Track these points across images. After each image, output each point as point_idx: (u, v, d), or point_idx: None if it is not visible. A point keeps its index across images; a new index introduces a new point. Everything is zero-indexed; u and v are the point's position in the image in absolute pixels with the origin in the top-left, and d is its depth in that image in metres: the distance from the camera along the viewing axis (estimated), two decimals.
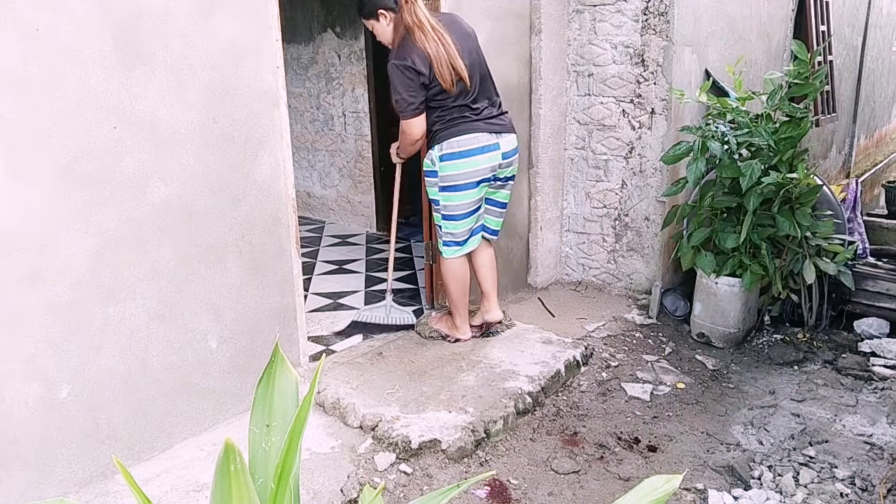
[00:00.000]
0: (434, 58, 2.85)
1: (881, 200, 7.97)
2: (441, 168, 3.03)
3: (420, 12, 2.88)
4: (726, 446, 2.77)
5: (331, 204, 6.02)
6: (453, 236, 3.17)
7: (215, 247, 2.58)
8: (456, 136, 2.99)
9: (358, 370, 3.07)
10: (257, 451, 1.24)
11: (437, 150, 3.02)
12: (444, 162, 3.02)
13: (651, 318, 3.88)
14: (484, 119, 3.02)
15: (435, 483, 2.43)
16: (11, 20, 1.98)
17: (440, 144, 3.01)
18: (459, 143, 2.99)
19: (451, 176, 3.03)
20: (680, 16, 3.78)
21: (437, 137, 3.02)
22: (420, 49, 2.84)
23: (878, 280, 3.86)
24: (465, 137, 2.99)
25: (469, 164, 3.01)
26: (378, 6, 2.92)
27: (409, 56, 2.85)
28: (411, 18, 2.87)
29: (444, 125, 3.00)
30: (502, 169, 3.14)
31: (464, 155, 3.00)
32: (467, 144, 3.00)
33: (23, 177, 2.06)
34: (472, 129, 3.00)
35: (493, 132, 3.04)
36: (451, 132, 2.99)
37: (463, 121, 3.00)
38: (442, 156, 3.02)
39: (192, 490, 2.32)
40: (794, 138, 3.47)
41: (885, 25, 8.19)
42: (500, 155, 3.07)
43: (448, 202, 3.09)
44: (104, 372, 2.32)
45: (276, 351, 1.29)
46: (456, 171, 3.02)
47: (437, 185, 3.08)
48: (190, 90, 2.42)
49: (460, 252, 3.20)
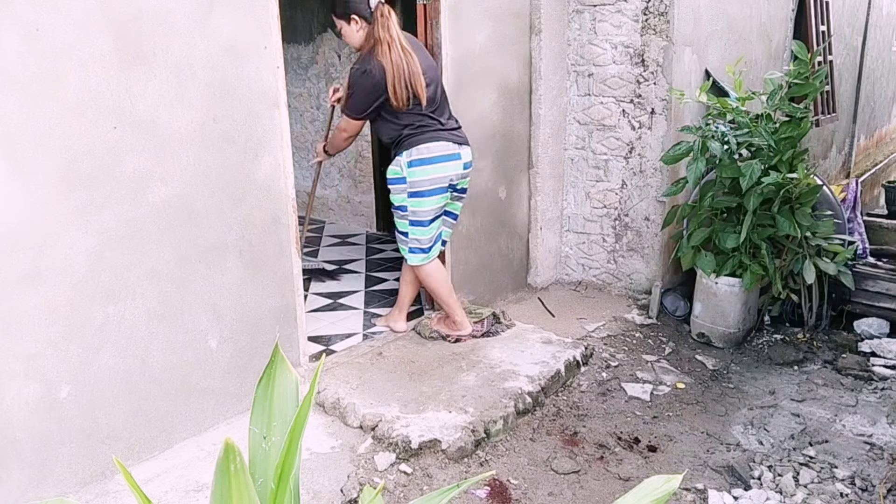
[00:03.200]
0: (392, 74, 2.98)
1: (881, 200, 7.97)
2: (410, 174, 3.13)
3: (393, 29, 3.02)
4: (726, 446, 2.77)
5: (331, 204, 6.02)
6: (420, 242, 3.25)
7: (215, 247, 2.58)
8: (426, 143, 3.11)
9: (358, 370, 3.07)
10: (257, 451, 1.24)
11: (405, 157, 3.12)
12: (412, 168, 3.12)
13: (651, 318, 3.88)
14: (448, 130, 3.18)
15: (435, 483, 2.43)
16: (11, 20, 1.98)
17: (409, 150, 3.11)
18: (429, 149, 3.11)
19: (419, 181, 3.13)
20: (680, 16, 3.78)
21: (405, 144, 3.12)
22: (381, 63, 2.98)
23: (878, 280, 3.86)
24: (434, 144, 3.12)
25: (437, 169, 3.14)
26: (353, 10, 3.03)
27: (371, 67, 2.99)
28: (383, 33, 3.00)
29: (413, 131, 3.11)
30: (461, 179, 3.28)
31: (433, 161, 3.13)
32: (436, 151, 3.13)
33: (23, 177, 2.06)
34: (440, 137, 3.14)
35: (455, 142, 3.19)
36: (421, 139, 3.11)
37: (431, 129, 3.13)
38: (411, 161, 3.12)
39: (192, 490, 2.32)
40: (794, 138, 3.47)
41: (885, 25, 8.18)
42: (462, 164, 3.22)
43: (416, 207, 3.18)
44: (104, 372, 2.32)
45: (276, 351, 1.29)
46: (424, 177, 3.13)
47: (405, 192, 3.17)
48: (190, 90, 2.42)
49: (427, 259, 3.30)
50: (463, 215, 3.71)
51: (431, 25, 3.40)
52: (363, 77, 3.01)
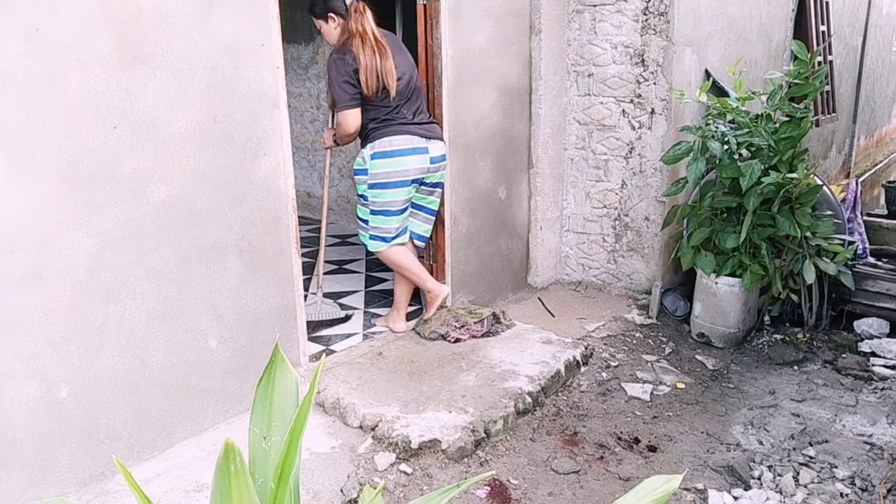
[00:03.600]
0: (364, 65, 3.07)
1: (881, 200, 7.97)
2: (371, 166, 3.21)
3: (366, 23, 3.12)
4: (726, 446, 2.77)
5: (331, 204, 6.02)
6: (381, 231, 3.31)
7: (215, 247, 2.58)
8: (389, 136, 3.18)
9: (358, 370, 3.07)
10: (257, 451, 1.24)
11: (368, 149, 3.21)
12: (374, 160, 3.20)
13: (651, 318, 3.88)
14: (416, 123, 3.24)
15: (435, 483, 2.43)
16: (11, 20, 1.98)
17: (372, 143, 3.20)
18: (392, 142, 3.18)
19: (380, 174, 3.21)
20: (680, 16, 3.78)
21: (370, 136, 3.21)
22: (354, 54, 3.07)
23: (878, 280, 3.86)
24: (398, 138, 3.19)
25: (399, 163, 3.20)
26: (329, 9, 3.15)
27: (345, 55, 3.08)
28: (356, 27, 3.10)
29: (378, 125, 3.19)
30: (430, 174, 3.32)
31: (395, 154, 3.19)
32: (399, 144, 3.19)
33: (23, 177, 2.06)
34: (405, 130, 3.20)
35: (423, 136, 3.24)
36: (385, 132, 3.19)
37: (396, 122, 3.20)
38: (373, 154, 3.20)
39: (192, 490, 2.32)
40: (794, 138, 3.47)
41: (885, 25, 8.18)
42: (428, 159, 3.26)
43: (377, 199, 3.26)
44: (104, 372, 2.32)
45: (276, 351, 1.29)
46: (385, 170, 3.20)
47: (366, 183, 3.26)
48: (190, 90, 2.42)
49: (386, 246, 3.34)
50: (463, 215, 3.71)
51: (431, 25, 3.40)
52: (337, 65, 3.08)
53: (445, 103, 3.47)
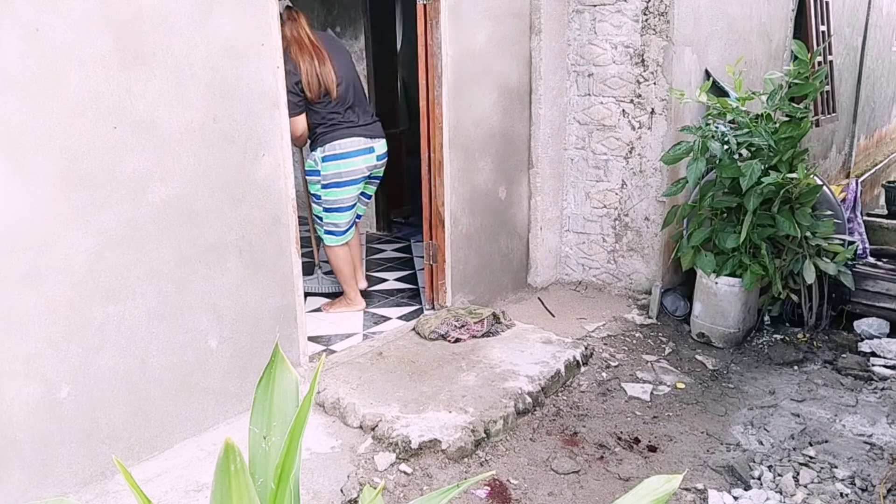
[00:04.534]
0: (304, 71, 3.27)
1: (881, 200, 7.97)
2: (323, 168, 3.47)
3: (302, 30, 3.31)
4: (726, 446, 2.77)
5: None
6: (336, 226, 3.61)
7: (215, 247, 2.58)
8: (338, 140, 3.41)
9: (358, 370, 3.07)
10: (257, 451, 1.24)
11: (319, 153, 3.45)
12: (326, 163, 3.45)
13: (651, 318, 3.88)
14: (361, 125, 3.46)
15: (435, 483, 2.43)
16: (11, 20, 1.98)
17: (323, 147, 3.43)
18: (341, 145, 3.42)
19: (332, 175, 3.47)
20: (680, 16, 3.78)
21: (319, 140, 3.43)
22: (294, 61, 3.26)
23: (878, 280, 3.86)
24: (346, 141, 3.42)
25: (348, 164, 3.45)
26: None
27: (289, 67, 3.15)
28: (292, 33, 3.29)
29: (326, 129, 3.40)
30: (376, 169, 3.61)
31: (344, 156, 3.44)
32: (348, 147, 3.43)
33: (23, 177, 2.06)
34: (351, 133, 3.43)
35: (369, 137, 3.48)
36: (334, 136, 3.41)
37: (343, 126, 3.41)
38: (324, 157, 3.44)
39: (192, 490, 2.32)
40: (794, 138, 3.47)
41: (885, 25, 8.18)
42: (375, 157, 3.53)
43: (330, 197, 3.54)
44: (104, 372, 2.32)
45: (276, 351, 1.29)
46: (336, 171, 3.46)
47: (319, 183, 3.54)
48: (190, 90, 2.42)
49: (342, 240, 3.65)
50: (463, 215, 3.72)
51: (431, 25, 3.40)
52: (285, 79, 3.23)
53: (445, 103, 3.47)
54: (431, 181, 3.61)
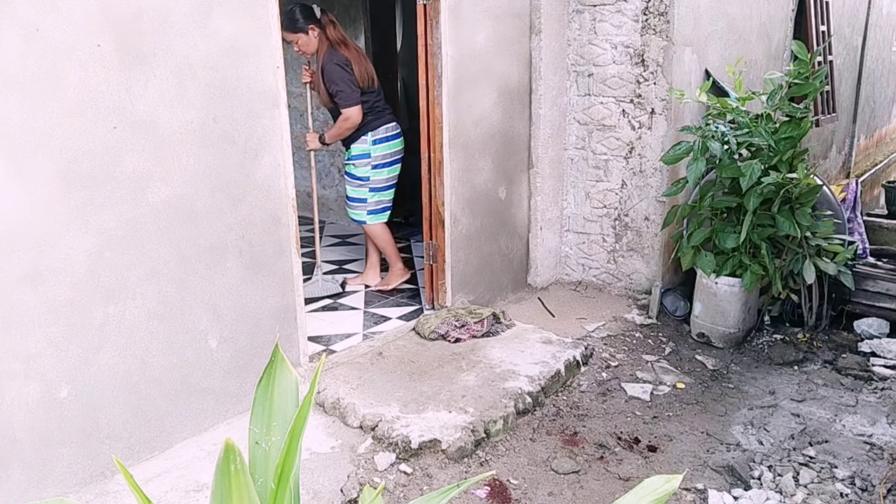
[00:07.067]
0: (356, 64, 3.75)
1: (881, 200, 7.97)
2: (374, 150, 3.91)
3: (341, 31, 3.81)
4: (726, 446, 2.77)
5: (331, 204, 6.02)
6: (381, 204, 4.03)
7: (215, 247, 2.58)
8: (384, 124, 3.92)
9: (358, 370, 3.07)
10: (257, 451, 1.24)
11: (371, 136, 3.89)
12: (376, 145, 3.91)
13: (651, 318, 3.88)
14: (391, 113, 3.99)
15: (435, 483, 2.43)
16: (11, 20, 1.98)
17: (374, 131, 3.89)
18: (387, 129, 3.93)
19: (381, 155, 3.94)
20: (680, 16, 3.78)
21: (370, 126, 3.87)
22: (346, 57, 3.73)
23: (878, 280, 3.86)
24: (390, 125, 3.95)
25: (393, 145, 3.98)
26: (310, 22, 3.73)
27: (343, 60, 3.72)
28: (336, 36, 3.77)
29: (374, 116, 3.88)
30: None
31: (390, 138, 3.96)
32: (392, 130, 3.97)
33: (23, 176, 2.06)
34: (391, 119, 3.97)
35: (398, 122, 4.02)
36: (381, 121, 3.91)
37: (386, 112, 3.94)
38: (375, 139, 3.90)
39: (192, 490, 2.32)
40: (794, 138, 3.46)
41: (885, 25, 8.18)
42: (403, 140, 4.05)
43: (378, 177, 3.97)
44: (104, 372, 2.32)
45: (276, 351, 1.29)
46: (386, 151, 3.95)
47: (370, 165, 3.94)
48: (190, 90, 2.42)
49: (385, 218, 4.08)
50: (463, 215, 3.72)
51: (431, 25, 3.40)
52: (344, 70, 3.70)
53: (445, 103, 3.47)
54: (431, 181, 3.62)
